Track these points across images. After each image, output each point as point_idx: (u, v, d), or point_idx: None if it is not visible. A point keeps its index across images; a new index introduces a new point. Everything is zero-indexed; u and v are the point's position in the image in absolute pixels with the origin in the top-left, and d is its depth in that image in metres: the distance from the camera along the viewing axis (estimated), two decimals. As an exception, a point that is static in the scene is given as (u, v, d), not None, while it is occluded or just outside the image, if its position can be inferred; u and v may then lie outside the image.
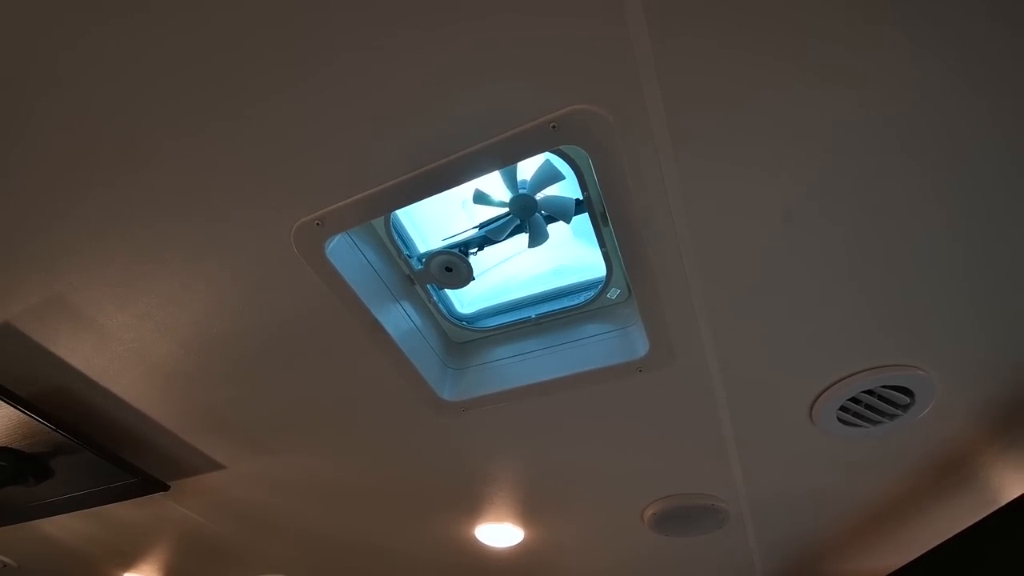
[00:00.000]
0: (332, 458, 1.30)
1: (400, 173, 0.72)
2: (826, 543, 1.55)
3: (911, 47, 0.58)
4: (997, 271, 0.82)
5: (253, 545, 1.76)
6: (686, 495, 1.36)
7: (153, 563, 1.98)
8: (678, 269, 0.83)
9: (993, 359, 0.96)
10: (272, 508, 1.53)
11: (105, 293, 0.91)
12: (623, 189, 0.72)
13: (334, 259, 0.82)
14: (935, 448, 1.18)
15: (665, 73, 0.61)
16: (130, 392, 1.12)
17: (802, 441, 1.16)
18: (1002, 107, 0.63)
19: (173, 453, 1.30)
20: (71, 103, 0.67)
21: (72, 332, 0.99)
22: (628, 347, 1.00)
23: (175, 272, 0.87)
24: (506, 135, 0.66)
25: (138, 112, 0.67)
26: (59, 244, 0.84)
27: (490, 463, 1.28)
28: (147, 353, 1.02)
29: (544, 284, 1.10)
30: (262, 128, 0.68)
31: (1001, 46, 0.58)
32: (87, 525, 1.74)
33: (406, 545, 1.68)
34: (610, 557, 1.68)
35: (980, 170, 0.70)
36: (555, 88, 0.63)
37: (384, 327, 0.93)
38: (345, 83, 0.63)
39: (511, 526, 1.52)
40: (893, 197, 0.73)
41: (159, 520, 1.65)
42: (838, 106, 0.64)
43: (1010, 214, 0.74)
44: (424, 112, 0.66)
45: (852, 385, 1.00)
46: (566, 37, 0.58)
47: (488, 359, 1.12)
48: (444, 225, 1.02)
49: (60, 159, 0.73)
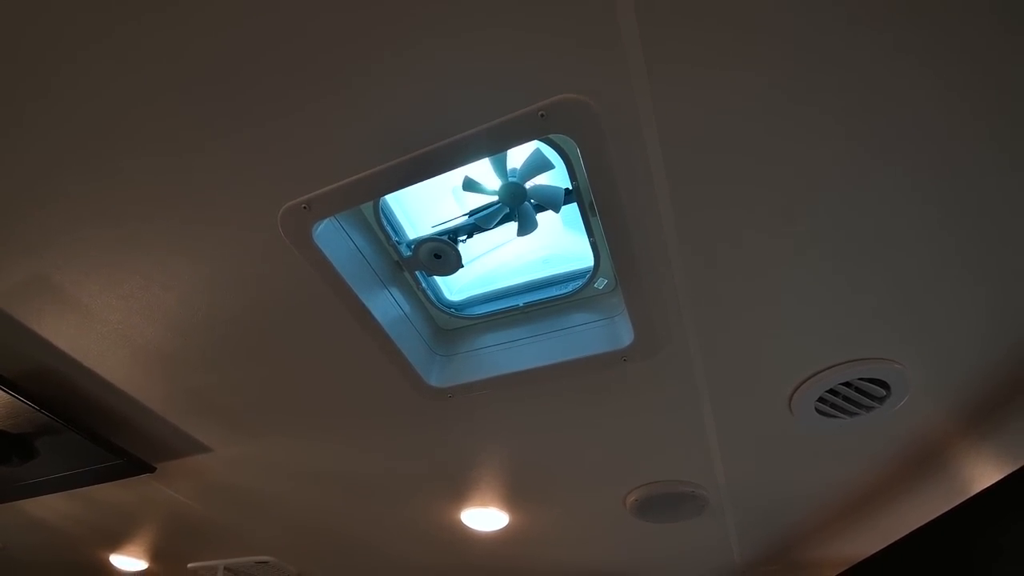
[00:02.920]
0: (318, 442, 1.31)
1: (390, 158, 0.71)
2: (802, 530, 1.59)
3: (893, 54, 0.59)
4: (975, 269, 0.84)
5: (239, 527, 1.77)
6: (667, 482, 1.39)
7: (139, 544, 1.99)
8: (663, 260, 0.84)
9: (967, 355, 0.99)
10: (258, 491, 1.54)
11: (89, 274, 0.90)
12: (610, 179, 0.72)
13: (321, 243, 0.82)
14: (909, 440, 1.21)
15: (654, 64, 0.61)
16: (115, 373, 1.12)
17: (781, 431, 1.18)
18: (984, 106, 0.64)
19: (159, 435, 1.30)
20: (56, 79, 0.66)
21: (56, 312, 0.98)
22: (613, 336, 1.01)
23: (160, 254, 0.86)
24: (495, 122, 0.66)
25: (124, 91, 0.66)
26: (43, 224, 0.83)
27: (476, 449, 1.30)
28: (132, 334, 1.02)
29: (532, 272, 1.11)
30: (251, 110, 0.67)
31: (989, 47, 0.59)
32: (73, 506, 1.74)
33: (392, 529, 1.70)
34: (593, 541, 1.71)
35: (963, 170, 0.71)
36: (544, 76, 0.63)
37: (372, 312, 0.94)
38: (335, 68, 0.63)
39: (496, 511, 1.54)
40: (875, 196, 0.74)
41: (145, 502, 1.66)
42: (825, 101, 0.64)
43: (990, 213, 0.76)
44: (414, 98, 0.65)
45: (831, 377, 1.02)
46: (557, 26, 0.58)
47: (475, 346, 1.13)
48: (433, 212, 1.02)
49: (44, 139, 0.72)
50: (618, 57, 0.61)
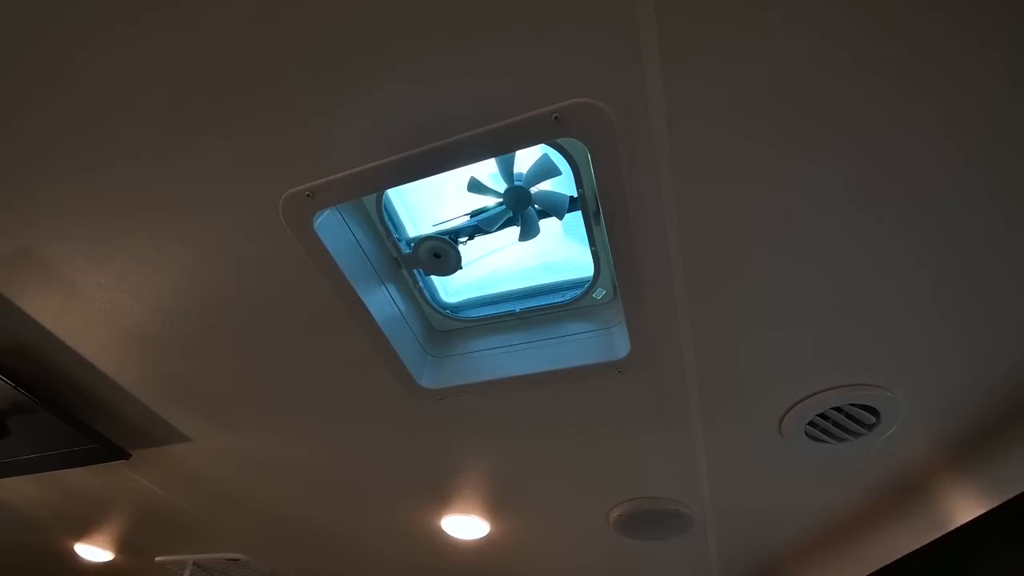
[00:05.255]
0: (301, 439, 1.28)
1: (397, 152, 0.71)
2: (783, 555, 1.58)
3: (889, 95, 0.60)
4: (971, 301, 0.84)
5: (213, 522, 1.72)
6: (652, 499, 1.38)
7: (107, 534, 1.93)
8: (666, 274, 0.84)
9: (959, 387, 1.00)
10: (235, 486, 1.50)
11: (79, 248, 0.88)
12: (619, 188, 0.72)
13: (322, 233, 0.81)
14: (894, 469, 1.22)
15: (671, 75, 0.61)
16: (98, 354, 1.09)
17: (770, 453, 1.18)
18: (972, 141, 0.65)
19: (137, 421, 1.27)
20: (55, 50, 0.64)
21: (41, 288, 0.96)
22: (609, 347, 1.01)
23: (154, 232, 0.84)
24: (507, 122, 0.65)
25: (126, 61, 0.65)
26: (32, 193, 0.80)
27: (462, 454, 1.28)
28: (119, 315, 0.99)
29: (529, 278, 1.10)
30: (258, 93, 0.66)
31: (970, 74, 0.60)
32: (41, 490, 1.69)
33: (371, 532, 1.66)
34: (573, 555, 1.69)
35: (954, 202, 0.72)
36: (560, 80, 0.63)
37: (367, 307, 0.92)
38: (348, 57, 0.62)
39: (477, 519, 1.52)
40: (873, 230, 0.75)
41: (117, 490, 1.61)
42: (831, 130, 0.65)
43: (986, 244, 0.77)
44: (429, 93, 0.65)
45: (822, 401, 1.02)
46: (577, 31, 0.58)
47: (469, 349, 1.11)
48: (435, 212, 1.01)
49: (37, 106, 0.70)
50: (635, 67, 0.61)
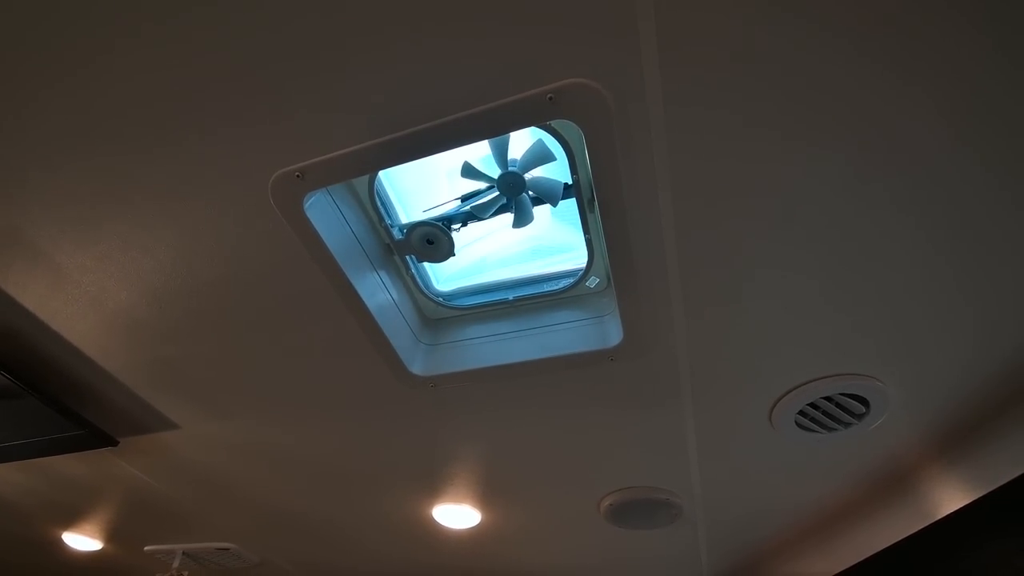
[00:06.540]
0: (292, 426, 1.28)
1: (390, 131, 0.70)
2: (771, 544, 1.60)
3: (882, 73, 0.60)
4: (962, 293, 0.85)
5: (201, 511, 1.71)
6: (643, 488, 1.38)
7: (95, 523, 1.91)
8: (659, 262, 0.84)
9: (948, 379, 1.01)
10: (225, 474, 1.49)
11: (64, 230, 0.86)
12: (614, 172, 0.71)
13: (312, 216, 0.80)
14: (882, 459, 1.23)
15: (668, 60, 0.61)
16: (84, 338, 1.07)
17: (760, 443, 1.19)
18: (969, 128, 0.65)
19: (125, 408, 1.25)
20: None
21: (26, 269, 0.94)
22: (602, 336, 1.01)
23: (141, 213, 0.83)
24: (502, 102, 0.65)
25: (112, 51, 0.63)
26: (16, 172, 0.79)
27: (454, 442, 1.28)
28: (105, 299, 0.98)
29: (519, 263, 1.09)
30: (251, 68, 0.65)
31: (971, 59, 0.60)
32: (26, 477, 1.67)
33: (362, 521, 1.66)
34: (564, 544, 1.70)
35: (949, 193, 0.72)
36: (556, 60, 0.62)
37: (358, 292, 0.91)
38: (337, 37, 0.61)
39: (469, 508, 1.52)
40: (867, 218, 0.75)
41: (105, 478, 1.59)
42: (821, 116, 0.65)
43: (979, 236, 0.77)
44: (423, 72, 0.64)
45: (813, 390, 1.03)
46: (573, 11, 0.58)
47: (461, 337, 1.11)
48: (428, 198, 1.00)
49: (27, 97, 0.68)
50: (632, 49, 0.60)
